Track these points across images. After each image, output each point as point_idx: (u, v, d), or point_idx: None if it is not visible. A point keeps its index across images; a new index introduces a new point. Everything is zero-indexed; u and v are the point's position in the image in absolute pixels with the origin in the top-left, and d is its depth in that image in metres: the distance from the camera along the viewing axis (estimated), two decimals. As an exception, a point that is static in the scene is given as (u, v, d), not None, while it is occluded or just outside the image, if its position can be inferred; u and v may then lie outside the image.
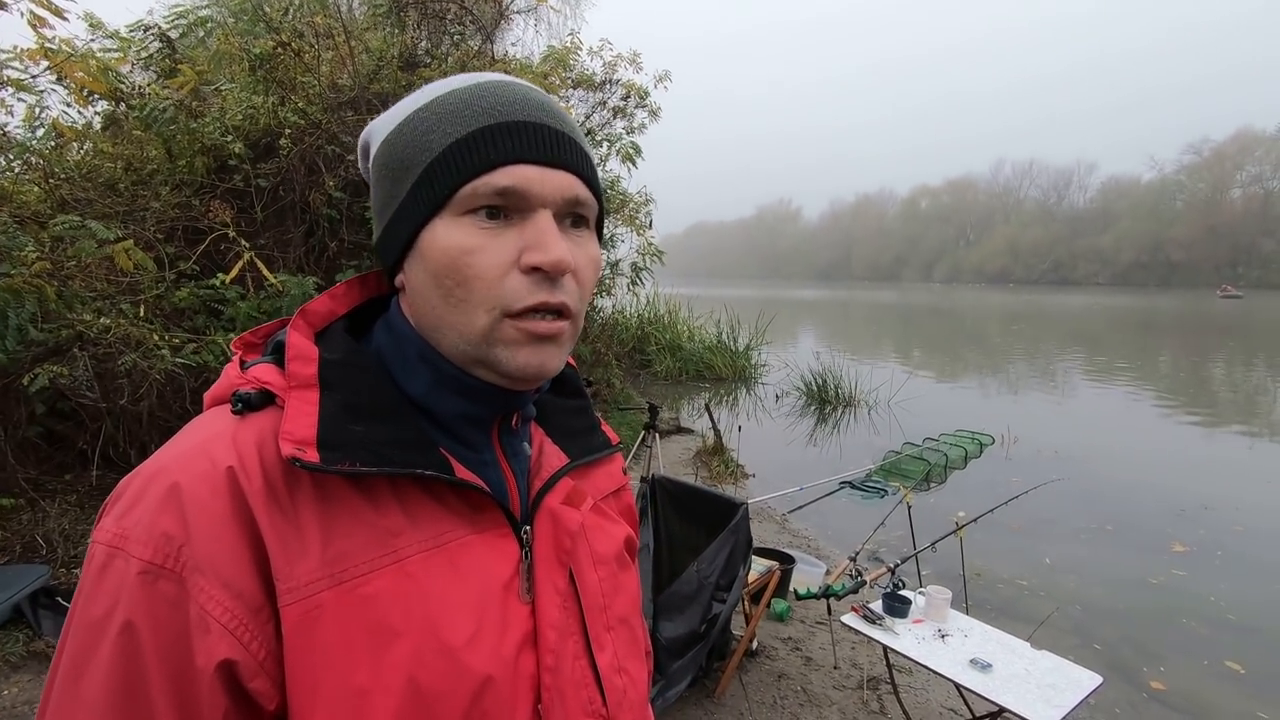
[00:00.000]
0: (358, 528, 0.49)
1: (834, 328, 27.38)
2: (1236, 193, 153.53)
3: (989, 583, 4.38)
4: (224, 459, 0.47)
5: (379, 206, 0.56)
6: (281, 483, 0.48)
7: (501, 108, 0.52)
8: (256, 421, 0.50)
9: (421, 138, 0.52)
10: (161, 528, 0.45)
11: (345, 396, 0.52)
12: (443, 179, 0.51)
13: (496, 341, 0.52)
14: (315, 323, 0.58)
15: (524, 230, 0.51)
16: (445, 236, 0.51)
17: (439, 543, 0.52)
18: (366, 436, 0.50)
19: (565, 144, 0.53)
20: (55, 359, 3.17)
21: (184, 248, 4.29)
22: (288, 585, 0.46)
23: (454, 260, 0.50)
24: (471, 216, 0.51)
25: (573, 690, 0.56)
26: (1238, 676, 3.48)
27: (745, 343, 12.73)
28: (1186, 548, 5.00)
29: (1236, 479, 6.75)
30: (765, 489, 5.91)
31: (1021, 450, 7.49)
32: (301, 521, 0.48)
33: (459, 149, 0.50)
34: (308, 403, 0.50)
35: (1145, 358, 17.97)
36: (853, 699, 2.99)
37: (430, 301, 0.53)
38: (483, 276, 0.50)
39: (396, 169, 0.53)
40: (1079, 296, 69.30)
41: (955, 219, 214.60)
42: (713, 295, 19.06)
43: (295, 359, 0.53)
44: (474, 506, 0.54)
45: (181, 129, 4.44)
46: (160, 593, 0.44)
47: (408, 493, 0.52)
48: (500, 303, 0.51)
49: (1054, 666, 2.32)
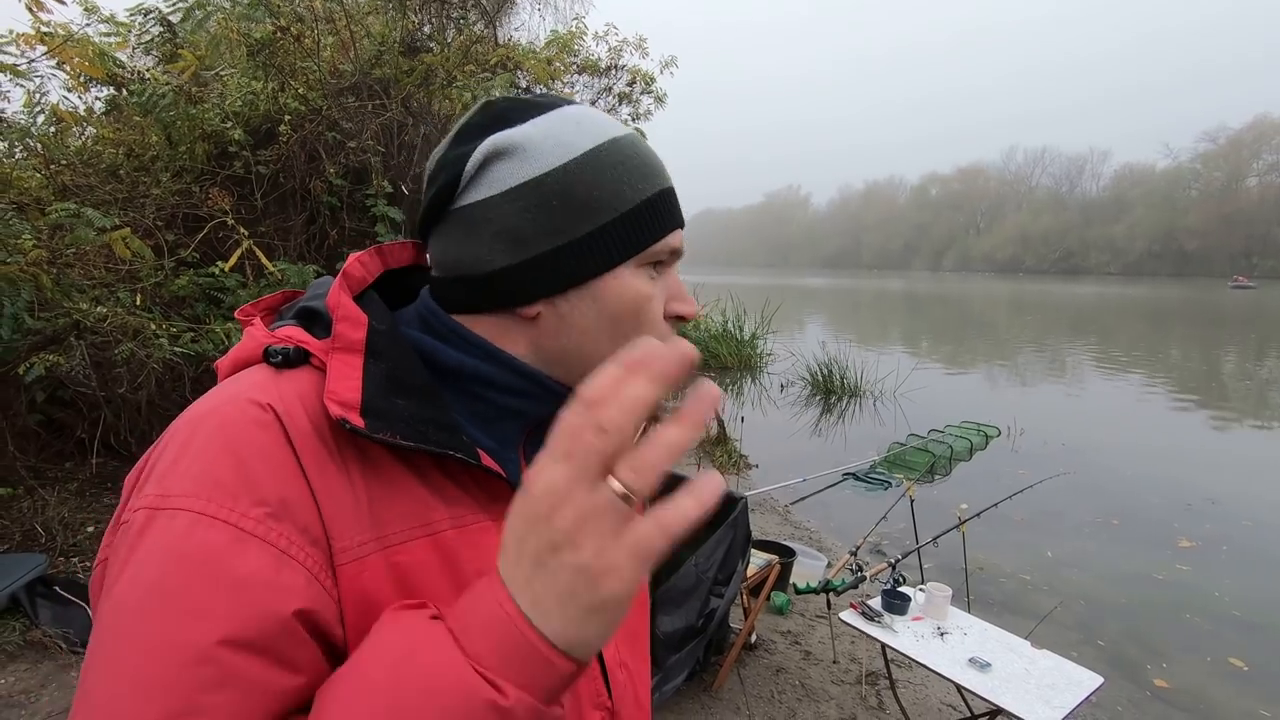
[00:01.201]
0: (397, 496, 0.49)
1: (841, 316, 27.24)
2: (1253, 181, 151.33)
3: (991, 576, 4.35)
4: (270, 401, 0.46)
5: (529, 232, 0.54)
6: (331, 437, 0.47)
7: (660, 170, 0.58)
8: (294, 377, 0.49)
9: (612, 185, 0.54)
10: (214, 475, 0.43)
11: (389, 368, 0.51)
12: (642, 233, 0.55)
13: None
14: (353, 287, 0.56)
15: (668, 281, 0.58)
16: (634, 284, 0.55)
17: (464, 523, 0.52)
18: (407, 410, 0.50)
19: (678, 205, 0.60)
20: (52, 347, 3.16)
21: (183, 235, 4.27)
22: (341, 544, 0.45)
23: (640, 306, 0.55)
24: (648, 268, 0.56)
25: (584, 682, 0.57)
26: (1241, 674, 3.45)
27: (751, 331, 12.67)
28: (1193, 543, 4.95)
29: (1245, 473, 6.69)
30: (768, 480, 5.88)
31: (1028, 442, 7.44)
32: (352, 480, 0.47)
33: (651, 209, 0.55)
34: (351, 366, 0.50)
35: (1154, 349, 17.79)
36: (851, 694, 2.98)
37: (598, 341, 0.55)
38: (655, 322, 0.56)
39: (575, 207, 0.53)
40: (1089, 286, 68.71)
41: (966, 206, 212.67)
42: (719, 283, 18.99)
43: (344, 320, 0.52)
44: (491, 495, 0.54)
45: (181, 115, 4.41)
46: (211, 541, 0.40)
47: (434, 472, 0.52)
48: None
49: (1054, 666, 2.30)
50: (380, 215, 4.82)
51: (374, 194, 4.82)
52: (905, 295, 45.63)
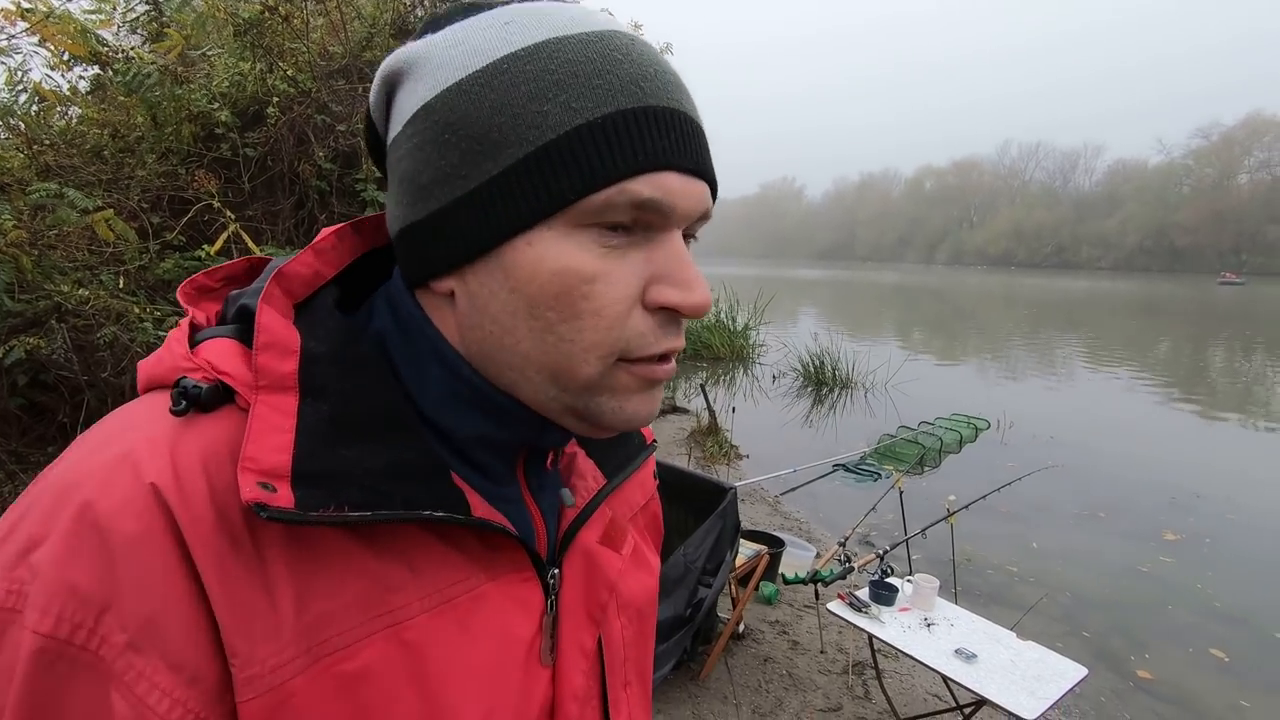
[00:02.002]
0: (346, 582, 0.37)
1: (834, 308, 27.29)
2: (1244, 178, 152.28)
3: (979, 568, 4.38)
4: (154, 477, 0.34)
5: (428, 178, 0.40)
6: (241, 521, 0.35)
7: (644, 82, 0.39)
8: (206, 429, 0.37)
9: (524, 104, 0.37)
10: (70, 580, 0.32)
11: (335, 406, 0.39)
12: (562, 178, 0.37)
13: (604, 390, 0.41)
14: (296, 290, 0.43)
15: (653, 252, 0.40)
16: (558, 255, 0.38)
17: (446, 597, 0.41)
18: (360, 464, 0.38)
19: (705, 144, 0.42)
20: (33, 330, 3.11)
21: (169, 218, 4.21)
22: (247, 673, 0.34)
23: (569, 289, 0.38)
24: (594, 231, 0.38)
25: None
26: (1222, 664, 3.49)
27: (744, 322, 12.67)
28: (1177, 536, 5.00)
29: (1230, 468, 6.75)
30: (759, 470, 5.89)
31: (1016, 435, 7.49)
32: (270, 577, 0.35)
33: (593, 138, 0.37)
34: (281, 413, 0.37)
35: (1143, 345, 17.93)
36: (838, 683, 2.99)
37: (513, 333, 0.40)
38: (602, 313, 0.39)
39: (475, 139, 0.38)
40: (1081, 281, 69.14)
41: (960, 200, 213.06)
42: (713, 273, 18.99)
43: (267, 348, 0.39)
44: (491, 547, 0.43)
45: (167, 95, 4.34)
46: (67, 682, 0.32)
47: (409, 533, 0.40)
48: (620, 347, 0.40)
49: (1039, 658, 2.31)
50: (370, 200, 4.77)
51: (364, 178, 4.76)
52: (898, 288, 45.76)
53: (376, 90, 0.44)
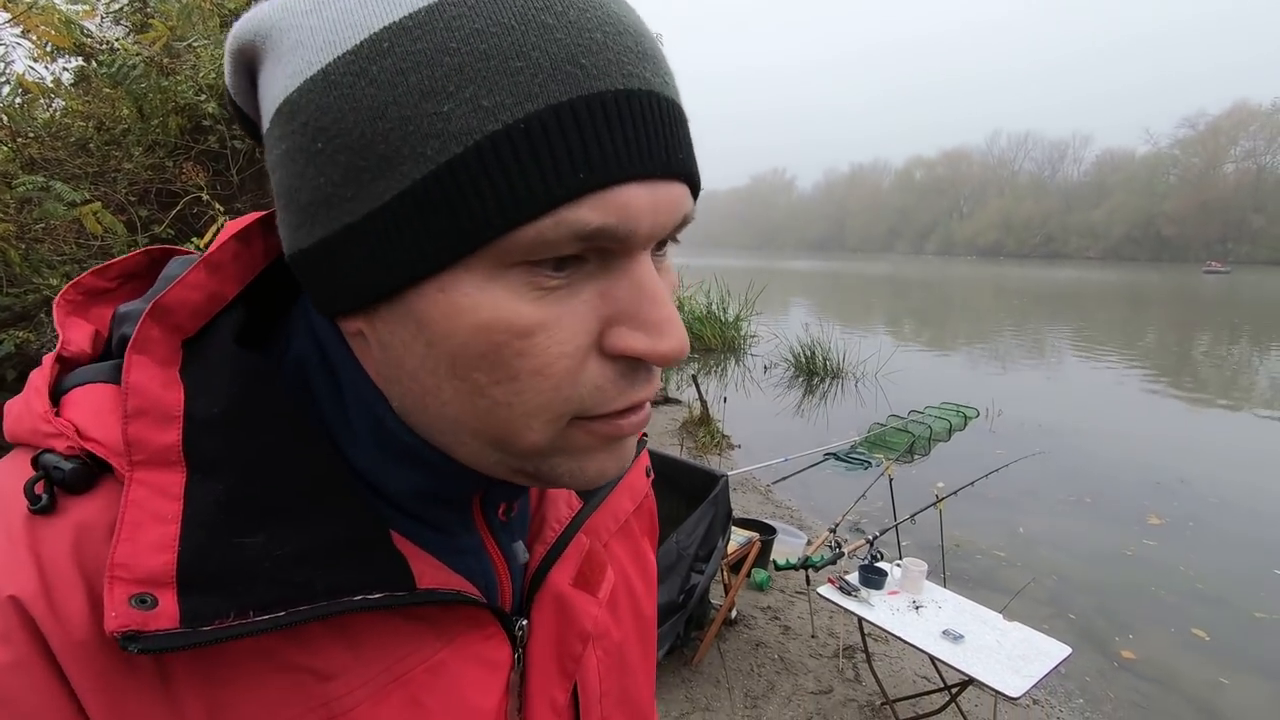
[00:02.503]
0: (268, 682, 0.31)
1: (825, 299, 27.39)
2: (1230, 168, 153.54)
3: (967, 553, 4.44)
4: (14, 585, 0.28)
5: (305, 198, 0.30)
6: None
7: (584, 58, 0.28)
8: (79, 514, 0.30)
9: (420, 104, 0.27)
10: None
11: (231, 483, 0.31)
12: (479, 208, 0.27)
13: (558, 452, 0.33)
14: (184, 323, 0.33)
15: (610, 286, 0.31)
16: (480, 305, 0.29)
17: (395, 675, 0.34)
18: (269, 553, 0.30)
19: (680, 130, 0.31)
20: (22, 324, 3.10)
21: (157, 211, 4.19)
22: None
23: (497, 346, 0.29)
24: (526, 270, 0.29)
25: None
26: (1203, 644, 3.57)
27: (735, 313, 12.71)
28: (1162, 520, 5.09)
29: (1214, 453, 6.86)
30: (751, 460, 5.94)
31: (1005, 423, 7.57)
32: (175, 696, 0.29)
33: (512, 152, 0.27)
34: (163, 495, 0.30)
35: (1130, 333, 18.11)
36: (828, 667, 3.04)
37: (439, 395, 0.31)
38: (545, 372, 0.30)
39: (355, 151, 0.28)
40: (1069, 271, 69.60)
41: (950, 191, 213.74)
42: (704, 265, 18.98)
43: (140, 415, 0.30)
44: (443, 609, 0.36)
45: (153, 87, 4.30)
46: None
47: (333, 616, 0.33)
48: (572, 407, 0.31)
49: (1024, 638, 2.36)
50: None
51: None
52: (888, 279, 45.94)
53: (231, 71, 0.34)
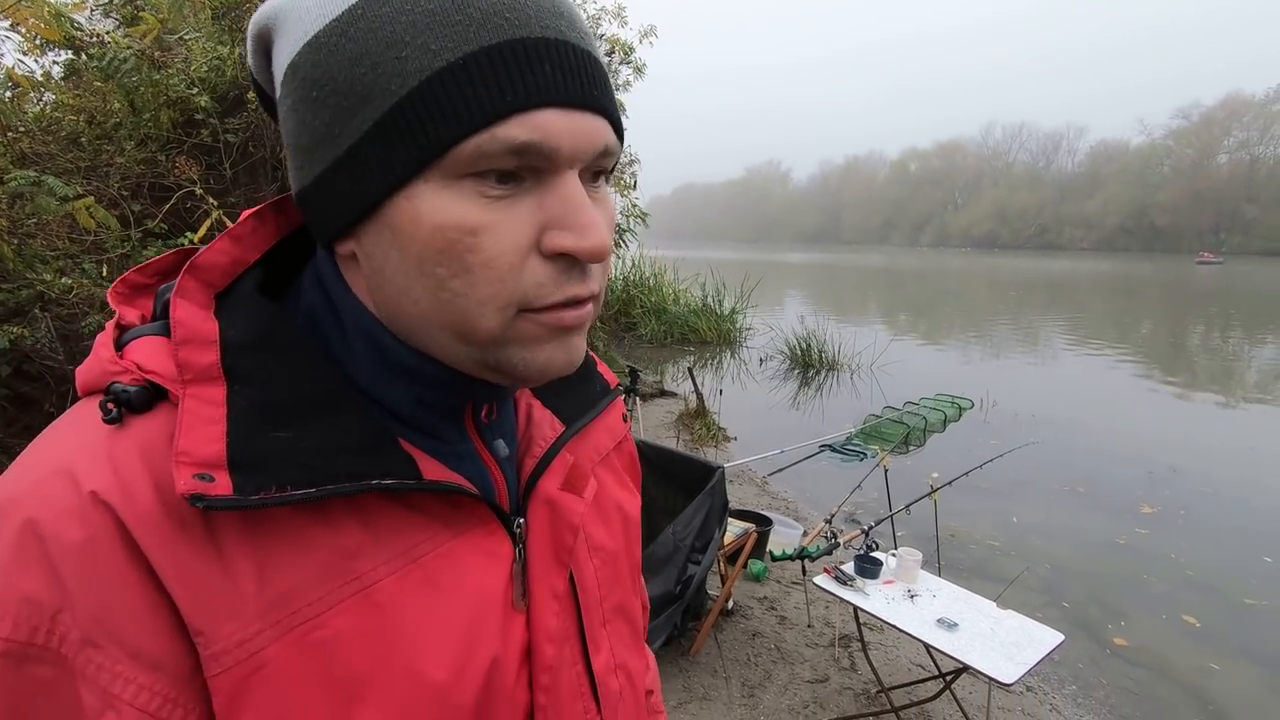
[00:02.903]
0: (305, 556, 0.38)
1: (820, 291, 27.41)
2: (1223, 158, 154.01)
3: (962, 543, 4.48)
4: (94, 482, 0.35)
5: (306, 141, 0.39)
6: (190, 510, 0.36)
7: (508, 13, 0.36)
8: (142, 428, 0.37)
9: (382, 52, 0.36)
10: (22, 590, 0.33)
11: (264, 391, 0.39)
12: (428, 128, 0.35)
13: (510, 342, 0.40)
14: (215, 280, 0.42)
15: (544, 198, 0.38)
16: (436, 210, 0.37)
17: (413, 557, 0.41)
18: (298, 445, 0.38)
19: (594, 72, 0.39)
20: (16, 320, 3.09)
21: (150, 205, 4.17)
22: (214, 649, 0.35)
23: (451, 243, 0.37)
24: (473, 181, 0.37)
25: (568, 703, 0.49)
26: (1194, 630, 3.61)
27: (730, 306, 12.71)
28: (1154, 509, 5.13)
29: (1205, 442, 6.91)
30: (747, 452, 5.96)
31: (999, 414, 7.61)
32: (226, 559, 0.36)
33: (453, 83, 0.35)
34: (211, 404, 0.37)
35: (1122, 324, 18.19)
36: (824, 656, 3.07)
37: (410, 292, 0.39)
38: (493, 265, 0.38)
39: (340, 95, 0.37)
40: (1062, 262, 69.80)
41: (944, 183, 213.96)
42: (699, 257, 18.97)
43: (185, 342, 0.38)
44: (452, 505, 0.44)
45: (144, 80, 4.27)
46: (34, 679, 0.33)
47: (366, 503, 0.41)
48: (517, 298, 0.39)
49: (1018, 625, 2.39)
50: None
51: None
52: (883, 270, 46.00)
53: (252, 52, 0.43)
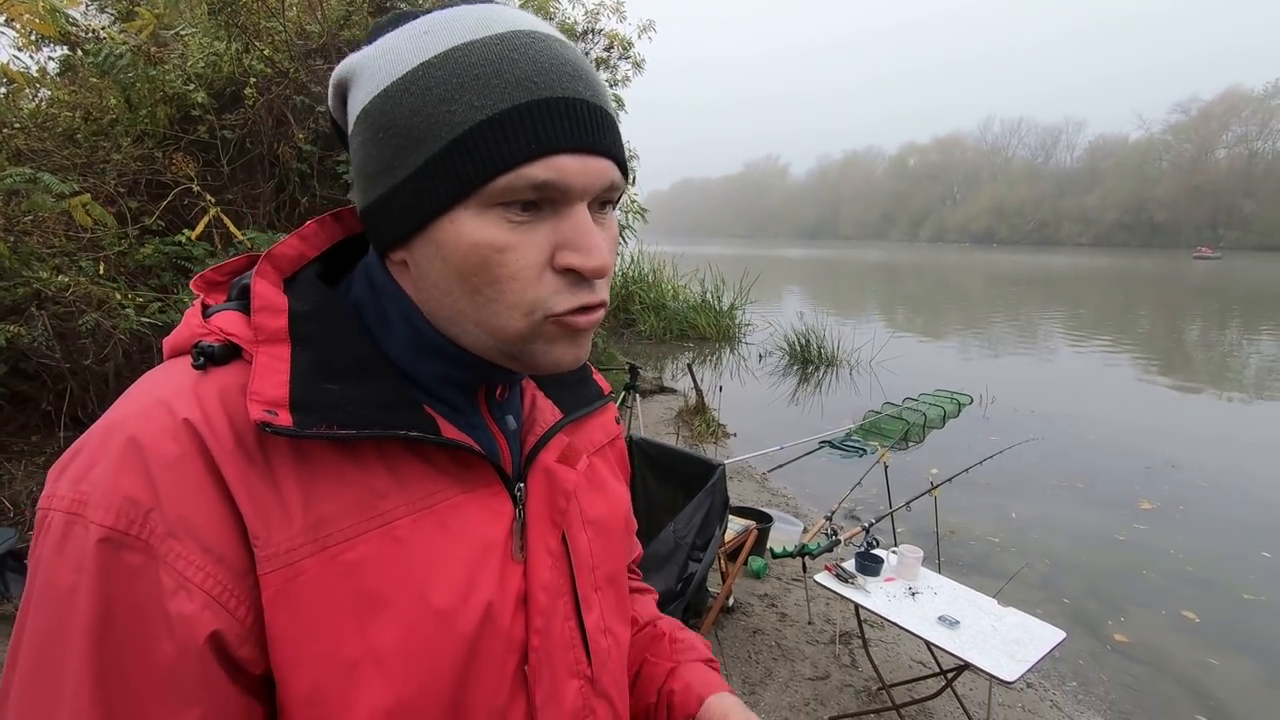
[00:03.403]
0: (341, 490, 0.47)
1: (819, 287, 27.39)
2: (1221, 153, 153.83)
3: (961, 539, 4.48)
4: (186, 413, 0.44)
5: (372, 170, 0.48)
6: (254, 443, 0.45)
7: (537, 77, 0.45)
8: (220, 376, 0.47)
9: (438, 105, 0.45)
10: (124, 490, 0.41)
11: (319, 352, 0.49)
12: (469, 167, 0.45)
13: (534, 340, 0.50)
14: (284, 268, 0.53)
15: (558, 225, 0.47)
16: (474, 231, 0.46)
17: (428, 504, 0.50)
18: (344, 396, 0.47)
19: (604, 123, 0.48)
20: (13, 318, 3.07)
21: (147, 202, 4.14)
22: (266, 552, 0.44)
23: (484, 259, 0.46)
24: (502, 209, 0.46)
25: (560, 651, 0.56)
26: (1193, 626, 3.62)
27: (729, 302, 12.70)
28: (1153, 504, 5.14)
29: (1203, 438, 6.91)
30: (746, 448, 5.95)
31: (999, 410, 7.61)
32: (279, 483, 0.45)
33: (491, 132, 0.44)
34: (278, 359, 0.47)
35: (1121, 320, 18.20)
36: (825, 653, 3.07)
37: (451, 296, 0.48)
38: (517, 278, 0.47)
39: (401, 136, 0.46)
40: (1061, 257, 69.76)
41: (943, 177, 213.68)
42: (698, 253, 18.95)
43: (262, 310, 0.49)
44: (464, 466, 0.52)
45: (140, 76, 4.23)
46: (126, 564, 0.41)
47: (393, 453, 0.50)
48: (539, 306, 0.48)
49: (1019, 623, 2.38)
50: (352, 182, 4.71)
51: (345, 160, 4.70)
52: (882, 266, 45.97)
53: (332, 96, 0.53)
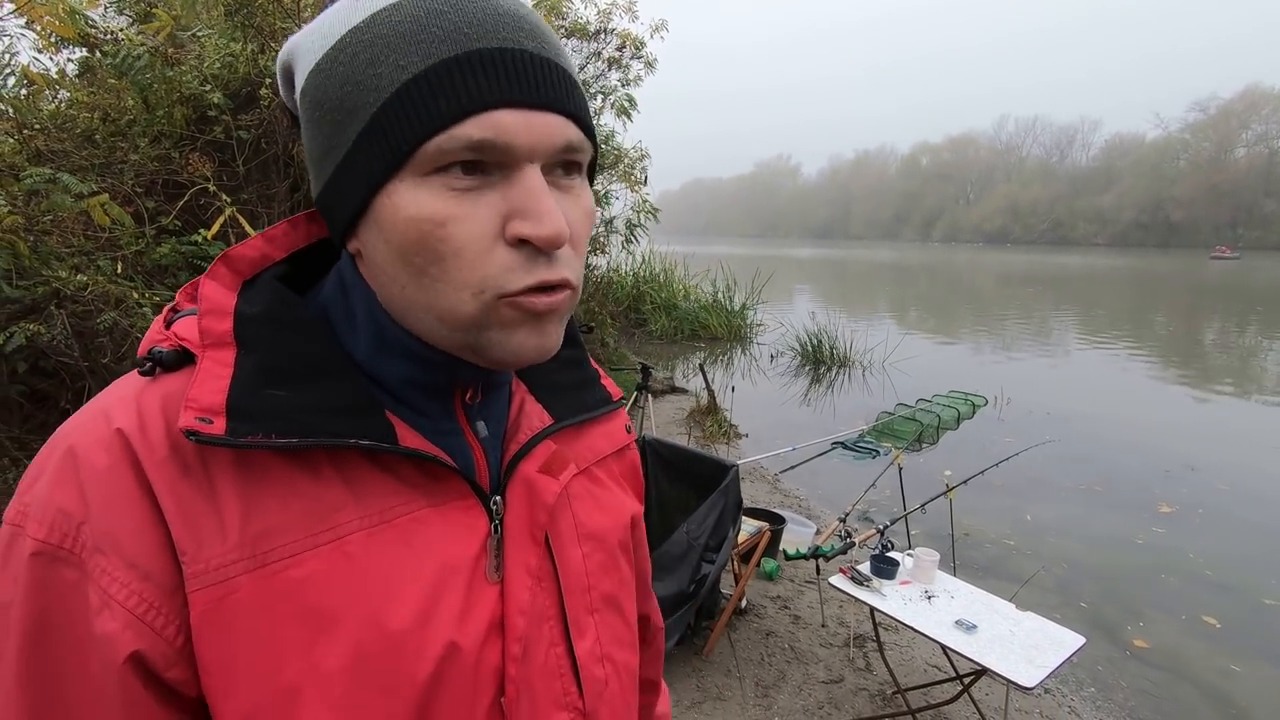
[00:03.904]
0: (289, 502, 0.44)
1: (830, 287, 27.27)
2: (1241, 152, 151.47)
3: (976, 542, 4.43)
4: (120, 423, 0.42)
5: (316, 154, 0.45)
6: (192, 453, 0.43)
7: (467, 29, 0.41)
8: (167, 383, 0.45)
9: (363, 71, 0.41)
10: (58, 502, 0.41)
11: (264, 357, 0.45)
12: (398, 132, 0.41)
13: (489, 325, 0.44)
14: (242, 269, 0.50)
15: (508, 190, 0.42)
16: (410, 204, 0.41)
17: (386, 518, 0.46)
18: (289, 403, 0.44)
19: (552, 75, 0.43)
20: (32, 316, 3.10)
21: (164, 202, 4.18)
22: (195, 568, 0.41)
23: (424, 234, 0.42)
24: (441, 176, 0.41)
25: (543, 681, 0.51)
26: (1214, 631, 3.56)
27: (741, 302, 12.66)
28: (1172, 507, 5.07)
29: (1222, 441, 6.82)
30: (758, 449, 5.93)
31: (1014, 411, 7.53)
32: (218, 495, 0.42)
33: (414, 92, 0.40)
34: (221, 364, 0.44)
35: (1138, 320, 17.99)
36: (839, 656, 3.05)
37: (398, 281, 0.44)
38: (462, 253, 0.42)
39: (334, 110, 0.43)
40: (1076, 257, 69.05)
41: (956, 176, 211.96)
42: (709, 253, 18.91)
43: (208, 314, 0.46)
44: (432, 477, 0.48)
45: (158, 77, 4.27)
46: (57, 578, 0.40)
47: (350, 464, 0.46)
48: (490, 284, 0.43)
49: (1038, 627, 2.35)
50: None
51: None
52: (894, 265, 45.69)
53: (281, 84, 0.50)
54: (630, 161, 8.97)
